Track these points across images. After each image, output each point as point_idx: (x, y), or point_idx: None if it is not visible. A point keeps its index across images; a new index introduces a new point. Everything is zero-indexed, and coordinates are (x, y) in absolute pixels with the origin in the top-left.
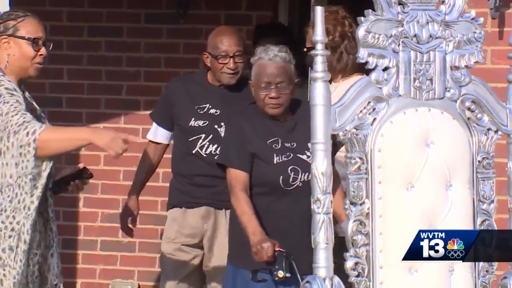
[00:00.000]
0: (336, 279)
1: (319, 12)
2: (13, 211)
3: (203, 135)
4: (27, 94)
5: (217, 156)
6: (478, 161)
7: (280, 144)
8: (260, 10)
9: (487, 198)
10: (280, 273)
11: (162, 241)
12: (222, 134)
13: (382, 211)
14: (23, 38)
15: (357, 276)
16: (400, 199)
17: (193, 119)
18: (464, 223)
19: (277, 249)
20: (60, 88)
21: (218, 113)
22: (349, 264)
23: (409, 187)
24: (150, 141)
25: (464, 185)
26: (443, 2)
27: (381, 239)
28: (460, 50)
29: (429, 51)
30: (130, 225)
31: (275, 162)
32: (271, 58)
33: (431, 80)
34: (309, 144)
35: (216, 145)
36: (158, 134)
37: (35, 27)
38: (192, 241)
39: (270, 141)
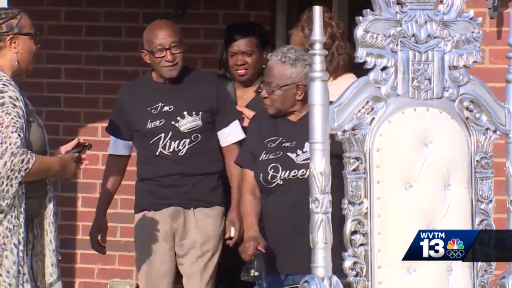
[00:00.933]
0: (335, 278)
1: (317, 12)
2: None
3: (163, 134)
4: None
5: (181, 152)
6: (477, 161)
7: (276, 143)
8: (258, 9)
9: (486, 198)
10: (252, 272)
11: (136, 248)
12: (181, 129)
13: (381, 211)
14: (29, 34)
15: (356, 275)
16: (398, 199)
17: (149, 121)
18: (462, 222)
19: (259, 248)
20: (58, 88)
21: (172, 109)
22: (347, 263)
23: (408, 187)
24: (110, 155)
25: (462, 184)
26: (441, 2)
27: (380, 239)
28: (459, 49)
29: (428, 50)
30: (100, 242)
31: (260, 160)
32: (269, 57)
33: (429, 79)
34: (306, 143)
35: (177, 141)
36: (118, 146)
37: (31, 22)
38: (166, 245)
39: (268, 140)
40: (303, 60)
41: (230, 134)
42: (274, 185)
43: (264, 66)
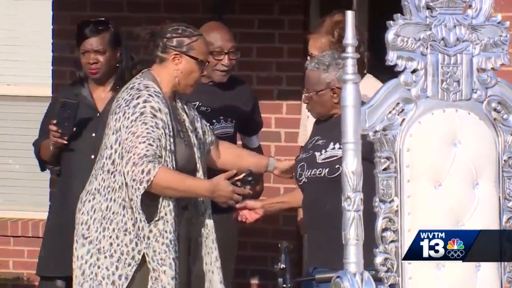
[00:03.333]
0: (366, 274)
1: (350, 16)
2: (135, 237)
3: None
4: (179, 104)
5: None
6: (504, 160)
7: (313, 143)
8: (292, 14)
9: None
10: (279, 264)
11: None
12: (215, 132)
13: (411, 209)
14: (195, 58)
15: (386, 271)
16: (428, 197)
17: None
18: (490, 220)
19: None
20: None
21: (209, 111)
22: (378, 259)
23: (437, 186)
24: None
25: (490, 183)
26: (470, 6)
27: (410, 236)
28: (487, 52)
29: (457, 54)
30: None
31: (297, 159)
32: (306, 65)
33: (458, 82)
34: (331, 143)
35: None
36: None
37: (206, 50)
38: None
39: (311, 139)
40: (336, 65)
41: (255, 143)
42: (301, 183)
43: (117, 65)
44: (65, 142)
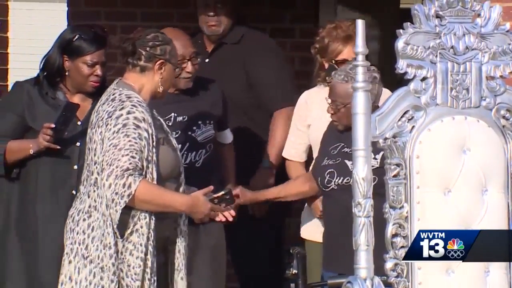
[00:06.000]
0: (377, 279)
1: (360, 25)
2: (115, 252)
3: (179, 146)
4: (154, 110)
5: (197, 163)
6: None
7: (338, 149)
8: (302, 23)
9: None
10: (291, 270)
11: None
12: (198, 139)
13: (420, 215)
14: (174, 65)
15: (397, 276)
16: (437, 203)
17: None
18: (498, 226)
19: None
20: None
21: (186, 119)
22: (388, 265)
23: (446, 192)
24: None
25: (499, 190)
26: (479, 15)
27: None
28: (495, 61)
29: (466, 62)
30: None
31: (321, 165)
32: (333, 75)
33: (467, 89)
34: None
35: (194, 152)
36: None
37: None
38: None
39: (332, 147)
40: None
41: (228, 138)
42: (329, 189)
43: None
44: (58, 147)
